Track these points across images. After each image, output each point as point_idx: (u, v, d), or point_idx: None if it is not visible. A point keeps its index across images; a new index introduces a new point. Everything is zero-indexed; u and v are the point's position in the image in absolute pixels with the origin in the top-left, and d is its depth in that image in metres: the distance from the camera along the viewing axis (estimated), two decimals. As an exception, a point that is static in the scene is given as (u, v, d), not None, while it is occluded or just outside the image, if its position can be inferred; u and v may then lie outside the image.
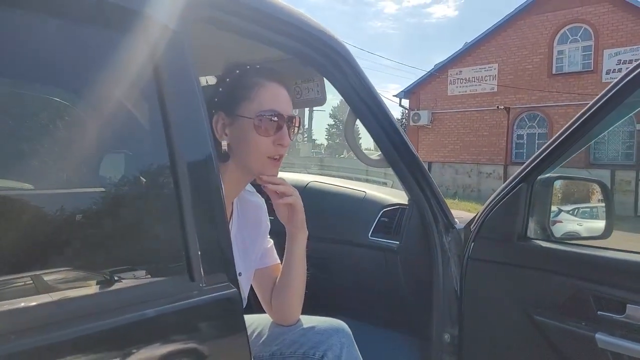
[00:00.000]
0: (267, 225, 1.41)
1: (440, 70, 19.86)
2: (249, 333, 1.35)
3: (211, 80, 1.84)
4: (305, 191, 2.04)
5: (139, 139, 0.97)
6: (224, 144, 1.20)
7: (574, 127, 1.36)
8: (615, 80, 1.30)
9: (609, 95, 1.30)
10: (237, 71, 1.23)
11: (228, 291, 0.91)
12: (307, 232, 1.33)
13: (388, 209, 1.83)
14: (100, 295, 0.78)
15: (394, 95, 21.55)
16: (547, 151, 1.43)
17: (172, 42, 0.92)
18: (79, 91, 0.95)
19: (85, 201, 0.84)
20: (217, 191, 0.95)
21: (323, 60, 1.36)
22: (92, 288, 0.79)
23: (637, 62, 1.27)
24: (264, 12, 1.19)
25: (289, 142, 1.21)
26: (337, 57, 1.37)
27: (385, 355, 1.76)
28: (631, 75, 1.26)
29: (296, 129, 1.26)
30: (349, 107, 1.52)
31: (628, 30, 15.73)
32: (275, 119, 1.19)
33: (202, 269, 0.88)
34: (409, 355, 1.78)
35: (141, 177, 0.92)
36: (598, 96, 1.33)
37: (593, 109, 1.33)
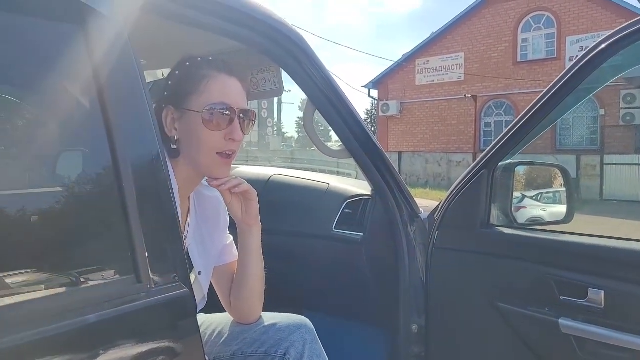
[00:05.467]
0: (226, 220, 1.37)
1: (408, 60, 19.98)
2: (208, 333, 1.32)
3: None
4: (268, 185, 2.00)
5: (79, 136, 0.92)
6: (174, 139, 1.15)
7: (532, 112, 1.36)
8: (570, 65, 1.30)
9: (564, 80, 1.30)
10: (187, 63, 1.18)
11: (178, 292, 0.87)
12: (261, 225, 1.29)
13: (351, 200, 1.80)
14: (37, 301, 0.73)
15: (362, 86, 21.59)
16: (506, 137, 1.42)
17: (111, 33, 0.87)
18: (9, 85, 0.90)
19: (20, 202, 0.79)
20: (165, 188, 0.91)
21: (278, 49, 1.33)
22: (28, 293, 0.74)
23: (589, 48, 1.27)
24: (216, 2, 1.15)
25: (241, 137, 1.16)
26: (291, 46, 1.33)
27: (352, 349, 1.75)
28: (584, 60, 1.26)
29: (251, 122, 1.20)
30: (307, 98, 1.49)
31: (589, 18, 16.07)
32: (227, 112, 1.14)
33: (149, 270, 0.84)
34: (376, 348, 1.76)
35: (83, 176, 0.88)
36: (554, 81, 1.33)
37: (549, 94, 1.33)
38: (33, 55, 0.85)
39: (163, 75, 1.81)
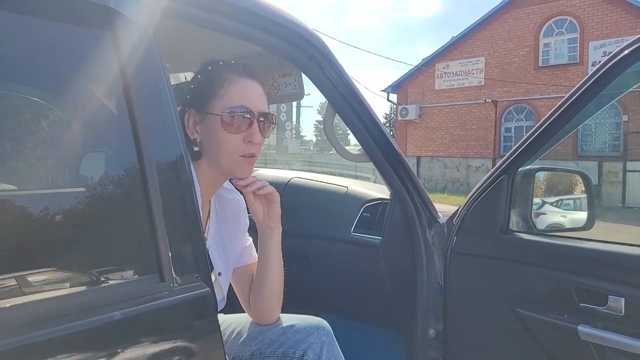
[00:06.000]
0: (246, 222, 1.39)
1: (428, 64, 19.90)
2: (228, 333, 1.34)
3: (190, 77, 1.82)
4: (287, 187, 2.02)
5: (106, 138, 0.95)
6: (196, 142, 1.17)
7: (553, 117, 1.36)
8: (593, 70, 1.30)
9: (587, 85, 1.29)
10: (209, 67, 1.20)
11: (200, 291, 0.89)
12: (281, 228, 1.31)
13: (370, 204, 1.81)
14: (65, 298, 0.76)
15: (381, 90, 21.56)
16: (527, 143, 1.42)
17: (138, 37, 0.89)
18: (40, 89, 0.93)
19: (50, 202, 0.82)
20: (189, 190, 0.93)
21: (300, 54, 1.34)
22: (56, 290, 0.77)
23: (612, 53, 1.26)
24: (239, 7, 1.17)
25: (260, 140, 1.18)
26: (313, 50, 1.35)
27: (368, 352, 1.75)
28: (607, 65, 1.26)
29: (271, 125, 1.22)
30: (327, 102, 1.51)
31: (612, 22, 15.84)
32: (246, 115, 1.15)
33: (172, 269, 0.86)
34: (393, 352, 1.77)
35: (109, 177, 0.90)
36: (576, 87, 1.32)
37: (571, 100, 1.32)
38: (62, 59, 0.87)
39: (186, 78, 1.84)
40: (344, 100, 1.46)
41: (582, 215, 1.59)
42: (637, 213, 12.85)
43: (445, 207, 1.83)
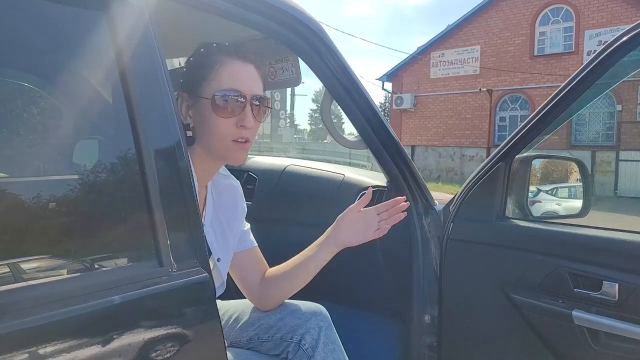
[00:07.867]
0: (244, 208, 1.39)
1: (423, 52, 19.86)
2: (226, 318, 1.34)
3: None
4: (283, 175, 2.02)
5: (103, 123, 0.94)
6: (189, 126, 1.16)
7: (551, 105, 1.36)
8: (590, 59, 1.30)
9: (584, 73, 1.30)
10: (202, 50, 1.18)
11: (199, 276, 0.89)
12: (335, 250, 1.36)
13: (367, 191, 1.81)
14: (64, 282, 0.76)
15: (376, 79, 21.52)
16: (524, 130, 1.42)
17: (134, 19, 0.88)
18: (35, 73, 0.91)
19: (49, 188, 0.81)
20: (186, 175, 0.92)
21: (297, 38, 1.33)
22: (56, 275, 0.77)
23: (609, 42, 1.26)
24: None
25: (252, 124, 1.14)
26: (310, 35, 1.34)
27: (365, 338, 1.76)
28: (604, 54, 1.26)
29: (266, 109, 1.19)
30: (324, 88, 1.50)
31: (609, 11, 15.84)
32: (237, 98, 1.13)
33: (171, 254, 0.86)
34: (389, 338, 1.78)
35: (106, 162, 0.89)
36: (572, 75, 1.32)
37: (568, 88, 1.33)
38: (55, 42, 0.86)
39: (180, 64, 1.83)
40: (342, 87, 1.45)
41: (577, 203, 1.60)
42: (629, 202, 12.96)
43: (441, 194, 1.84)
